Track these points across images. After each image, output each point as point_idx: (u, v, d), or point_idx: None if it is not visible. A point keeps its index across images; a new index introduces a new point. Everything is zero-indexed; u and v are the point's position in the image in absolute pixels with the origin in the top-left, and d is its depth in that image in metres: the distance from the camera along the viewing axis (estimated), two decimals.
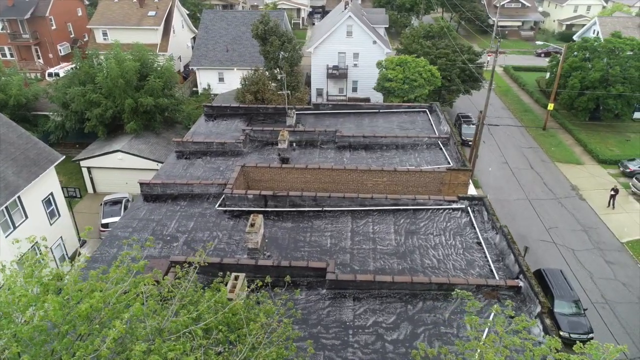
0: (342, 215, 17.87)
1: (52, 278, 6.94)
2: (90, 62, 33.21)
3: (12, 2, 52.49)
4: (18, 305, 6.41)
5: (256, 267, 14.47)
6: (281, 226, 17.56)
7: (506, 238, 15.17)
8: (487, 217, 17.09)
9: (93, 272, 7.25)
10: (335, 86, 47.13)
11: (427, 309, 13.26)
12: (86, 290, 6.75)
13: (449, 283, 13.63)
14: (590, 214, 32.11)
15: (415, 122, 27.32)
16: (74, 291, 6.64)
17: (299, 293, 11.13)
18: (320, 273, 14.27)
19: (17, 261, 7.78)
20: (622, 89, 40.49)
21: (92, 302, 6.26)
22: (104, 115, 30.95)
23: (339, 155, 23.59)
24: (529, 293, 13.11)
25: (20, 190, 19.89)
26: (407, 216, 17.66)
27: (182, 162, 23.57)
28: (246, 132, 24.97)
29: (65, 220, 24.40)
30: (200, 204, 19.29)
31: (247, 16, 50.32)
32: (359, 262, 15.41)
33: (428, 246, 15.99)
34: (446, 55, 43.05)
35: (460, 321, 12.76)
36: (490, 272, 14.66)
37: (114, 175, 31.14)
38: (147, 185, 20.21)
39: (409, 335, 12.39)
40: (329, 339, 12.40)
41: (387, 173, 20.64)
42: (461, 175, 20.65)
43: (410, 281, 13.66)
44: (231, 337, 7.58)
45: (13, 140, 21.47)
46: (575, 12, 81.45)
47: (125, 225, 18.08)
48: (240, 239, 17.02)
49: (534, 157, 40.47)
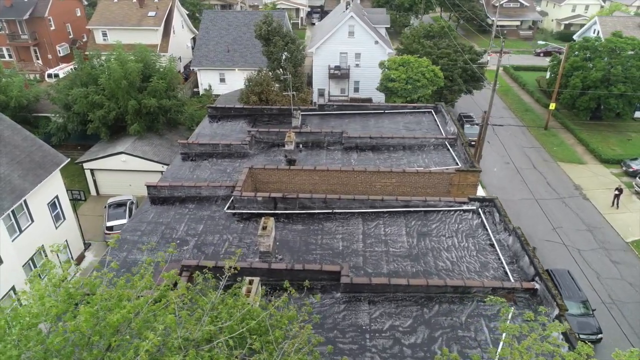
0: (352, 218, 17.77)
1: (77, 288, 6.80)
2: (92, 63, 32.96)
3: (11, 3, 52.11)
4: (48, 316, 6.27)
5: (270, 270, 14.36)
6: (291, 229, 17.45)
7: (520, 240, 15.12)
8: (499, 218, 17.03)
9: (121, 281, 7.10)
10: (337, 86, 47.02)
11: (443, 312, 13.18)
12: (114, 300, 6.61)
13: (465, 286, 13.58)
14: (594, 214, 32.14)
15: (421, 122, 27.25)
16: (102, 300, 6.50)
17: (319, 298, 10.99)
18: (334, 276, 14.16)
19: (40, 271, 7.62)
20: (623, 88, 40.57)
21: (123, 313, 6.13)
22: (106, 116, 30.72)
23: (346, 156, 23.49)
24: (546, 295, 13.05)
25: (26, 194, 19.68)
26: (418, 218, 17.58)
27: (188, 164, 23.41)
28: (252, 134, 24.82)
29: (71, 224, 24.19)
30: (209, 206, 19.15)
31: (248, 16, 50.15)
32: (372, 264, 15.32)
33: (441, 248, 15.91)
34: (448, 55, 43.01)
35: (478, 324, 12.69)
36: (505, 275, 14.60)
37: (118, 177, 30.93)
38: (154, 188, 20.06)
39: (426, 339, 12.31)
40: (346, 344, 12.30)
41: (396, 174, 20.57)
42: (470, 177, 20.61)
43: (426, 284, 13.58)
44: (256, 345, 7.46)
45: (18, 143, 21.25)
46: (574, 12, 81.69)
47: (134, 228, 17.90)
48: (251, 242, 16.90)
49: (537, 156, 40.51)
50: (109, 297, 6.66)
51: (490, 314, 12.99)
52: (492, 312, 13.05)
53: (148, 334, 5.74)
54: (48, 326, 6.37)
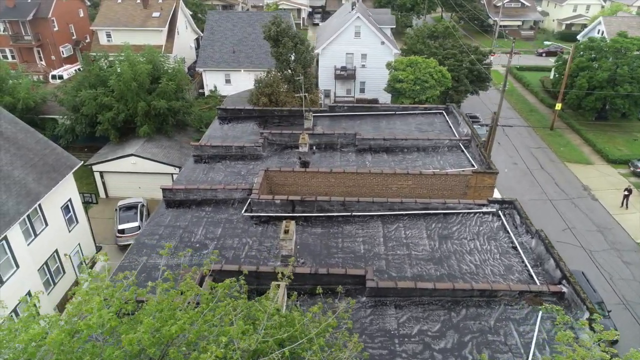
0: (371, 220, 17.70)
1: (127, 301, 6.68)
2: (100, 65, 32.78)
3: (14, 4, 51.81)
4: (106, 329, 6.15)
5: (294, 274, 14.22)
6: (311, 232, 17.36)
7: (544, 242, 15.06)
8: (520, 220, 16.98)
9: (173, 292, 6.99)
10: (343, 87, 46.94)
11: (471, 316, 13.11)
12: (167, 310, 6.50)
13: (492, 289, 13.51)
14: (604, 214, 32.15)
15: (433, 123, 27.19)
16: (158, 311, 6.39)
17: (353, 303, 10.89)
18: (358, 280, 14.09)
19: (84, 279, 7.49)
20: (630, 88, 40.64)
21: (180, 324, 6.02)
22: (115, 118, 30.57)
23: (361, 158, 23.41)
24: (574, 299, 12.99)
25: (41, 198, 19.53)
26: (438, 220, 17.51)
27: (202, 167, 23.27)
28: (264, 135, 24.69)
29: (83, 227, 24.04)
30: (226, 209, 19.05)
31: (253, 17, 50.02)
32: (395, 268, 15.24)
33: (463, 251, 15.85)
34: (454, 56, 42.98)
35: (507, 328, 12.63)
36: (530, 278, 14.55)
37: (127, 179, 30.77)
38: (169, 191, 19.95)
39: (456, 344, 12.24)
40: (376, 349, 12.22)
41: (412, 176, 20.49)
42: (487, 178, 20.56)
43: (452, 288, 13.50)
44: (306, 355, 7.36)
45: (32, 146, 21.09)
46: (575, 12, 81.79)
47: (152, 232, 17.78)
48: (271, 245, 16.80)
49: (544, 157, 40.52)
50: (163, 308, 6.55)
51: (518, 318, 12.94)
52: (521, 316, 13.00)
53: (209, 346, 5.64)
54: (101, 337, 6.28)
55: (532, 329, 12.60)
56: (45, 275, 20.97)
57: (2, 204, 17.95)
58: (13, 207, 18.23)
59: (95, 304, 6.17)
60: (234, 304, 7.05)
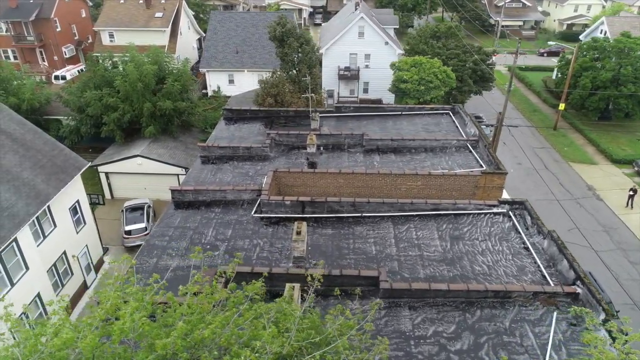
0: (382, 221, 17.69)
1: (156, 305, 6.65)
2: (105, 66, 32.73)
3: (16, 4, 51.72)
4: (139, 333, 6.13)
5: (306, 276, 14.20)
6: (322, 233, 17.34)
7: (556, 243, 15.07)
8: (531, 221, 16.99)
9: (202, 295, 6.96)
10: (347, 87, 46.92)
11: (485, 317, 13.11)
12: (197, 315, 6.48)
13: (506, 290, 13.51)
14: (609, 214, 32.17)
15: (439, 124, 27.19)
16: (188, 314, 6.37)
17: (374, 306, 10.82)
18: (372, 281, 14.08)
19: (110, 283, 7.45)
20: (633, 88, 40.68)
21: (212, 327, 6.00)
22: (121, 119, 30.52)
23: (368, 159, 23.40)
24: (589, 299, 12.99)
25: (50, 199, 19.49)
26: (449, 221, 17.51)
27: (209, 168, 23.24)
28: (271, 136, 24.66)
29: (91, 228, 24.00)
30: (235, 210, 19.02)
31: (256, 17, 49.99)
32: (407, 269, 15.24)
33: (475, 252, 15.84)
34: (457, 56, 42.97)
35: (522, 330, 12.62)
36: (543, 278, 14.55)
37: (132, 180, 30.73)
38: (178, 192, 19.91)
39: (472, 345, 12.23)
40: (392, 350, 12.18)
41: (421, 177, 20.48)
42: (496, 179, 20.56)
43: (467, 289, 13.50)
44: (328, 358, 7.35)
45: (40, 147, 21.05)
46: (576, 12, 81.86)
47: (162, 233, 17.73)
48: (282, 246, 16.78)
49: (548, 157, 40.53)
50: (194, 311, 6.53)
51: (534, 319, 12.93)
52: (536, 317, 12.99)
53: (242, 350, 5.62)
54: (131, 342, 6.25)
55: (548, 330, 12.60)
56: (54, 277, 20.93)
57: (12, 205, 17.92)
58: (23, 208, 18.19)
59: (129, 308, 6.15)
60: (265, 307, 7.04)
